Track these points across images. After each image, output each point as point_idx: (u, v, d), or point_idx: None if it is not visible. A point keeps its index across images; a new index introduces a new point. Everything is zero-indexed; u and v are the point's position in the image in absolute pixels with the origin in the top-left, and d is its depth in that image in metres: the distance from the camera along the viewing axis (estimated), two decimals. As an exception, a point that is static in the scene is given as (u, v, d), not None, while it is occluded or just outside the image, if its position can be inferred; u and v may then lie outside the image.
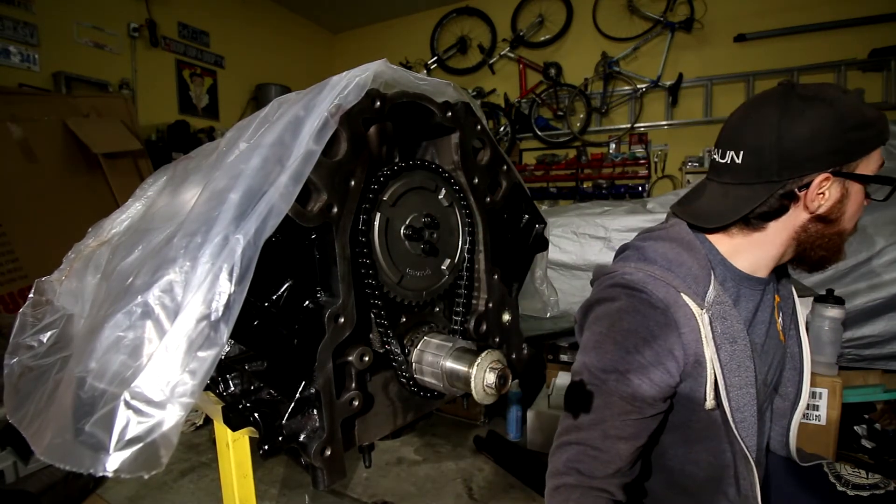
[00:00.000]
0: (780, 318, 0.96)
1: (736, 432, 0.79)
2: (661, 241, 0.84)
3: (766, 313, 0.90)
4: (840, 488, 0.93)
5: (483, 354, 0.51)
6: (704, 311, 0.76)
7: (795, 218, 0.80)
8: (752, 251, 0.84)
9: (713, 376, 0.77)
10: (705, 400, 0.78)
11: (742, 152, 0.79)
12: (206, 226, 0.39)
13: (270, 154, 0.43)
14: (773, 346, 0.92)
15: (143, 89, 4.36)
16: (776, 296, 0.96)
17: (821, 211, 0.77)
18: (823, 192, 0.76)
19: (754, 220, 0.81)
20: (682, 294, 0.76)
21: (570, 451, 0.75)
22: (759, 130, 0.77)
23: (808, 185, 0.76)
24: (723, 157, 0.82)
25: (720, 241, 0.86)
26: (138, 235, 0.49)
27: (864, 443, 1.89)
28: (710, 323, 0.77)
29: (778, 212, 0.80)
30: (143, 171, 3.19)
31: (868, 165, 0.77)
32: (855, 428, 1.93)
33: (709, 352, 0.77)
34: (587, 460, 0.74)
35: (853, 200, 0.78)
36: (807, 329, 1.03)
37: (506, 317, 0.67)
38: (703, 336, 0.76)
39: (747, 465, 0.81)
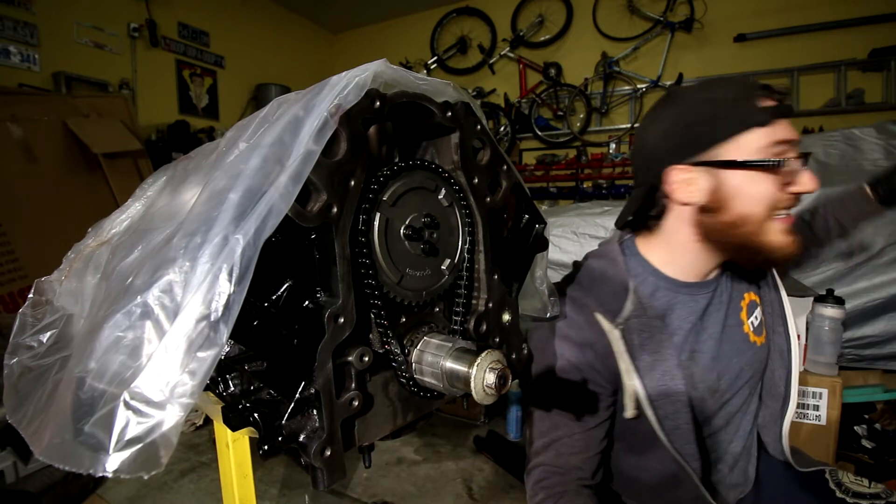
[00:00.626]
0: (756, 318, 0.95)
1: (665, 439, 0.82)
2: (595, 258, 0.92)
3: (715, 318, 0.90)
4: (839, 495, 0.92)
5: (483, 354, 0.51)
6: (615, 326, 0.81)
7: (681, 213, 0.84)
8: (673, 255, 0.88)
9: (632, 388, 0.82)
10: (625, 409, 0.83)
11: (632, 159, 0.91)
12: (206, 226, 0.39)
13: (270, 154, 0.43)
14: (735, 351, 0.91)
15: (143, 89, 4.36)
16: (750, 295, 0.96)
17: (694, 200, 0.81)
18: (690, 183, 0.80)
19: (651, 222, 0.89)
20: (594, 313, 0.82)
21: (535, 475, 0.83)
22: (636, 137, 0.89)
23: (666, 181, 0.82)
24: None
25: (651, 251, 0.90)
26: (138, 235, 0.49)
27: (864, 443, 1.89)
28: (623, 336, 0.81)
29: (662, 210, 0.86)
30: (143, 171, 3.19)
31: (738, 150, 0.77)
32: (855, 428, 1.93)
33: (623, 364, 0.81)
34: (550, 477, 0.82)
35: (734, 186, 0.78)
36: (807, 329, 1.02)
37: (506, 317, 0.67)
38: (615, 351, 0.81)
39: (683, 471, 0.84)
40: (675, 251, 0.88)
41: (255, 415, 0.48)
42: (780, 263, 0.87)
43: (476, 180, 0.62)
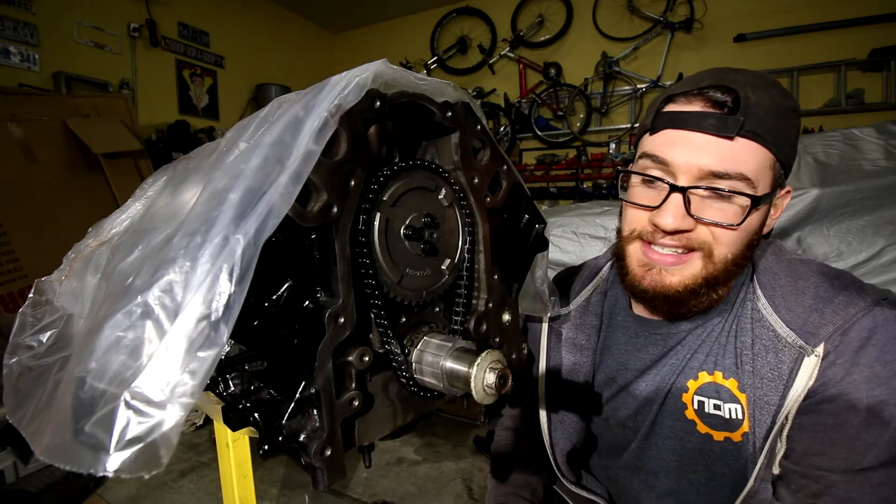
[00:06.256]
0: (718, 408, 0.74)
1: (545, 429, 0.88)
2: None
3: (644, 359, 0.82)
4: None
5: (483, 354, 0.51)
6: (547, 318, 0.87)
7: None
8: None
9: (541, 377, 0.89)
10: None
11: None
12: (206, 226, 0.39)
13: (270, 154, 0.43)
14: (646, 401, 0.81)
15: (143, 89, 4.36)
16: (713, 377, 0.74)
17: None
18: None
19: None
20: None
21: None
22: None
23: None
24: None
25: None
26: (138, 235, 0.49)
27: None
28: (549, 328, 0.89)
29: None
30: (143, 171, 3.19)
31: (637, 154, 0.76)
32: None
33: (542, 352, 0.90)
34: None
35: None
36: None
37: (506, 317, 0.67)
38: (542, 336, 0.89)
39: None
40: None
41: (256, 415, 0.48)
42: (638, 295, 0.74)
43: (476, 180, 0.62)
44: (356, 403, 0.50)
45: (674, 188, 0.65)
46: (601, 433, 0.90)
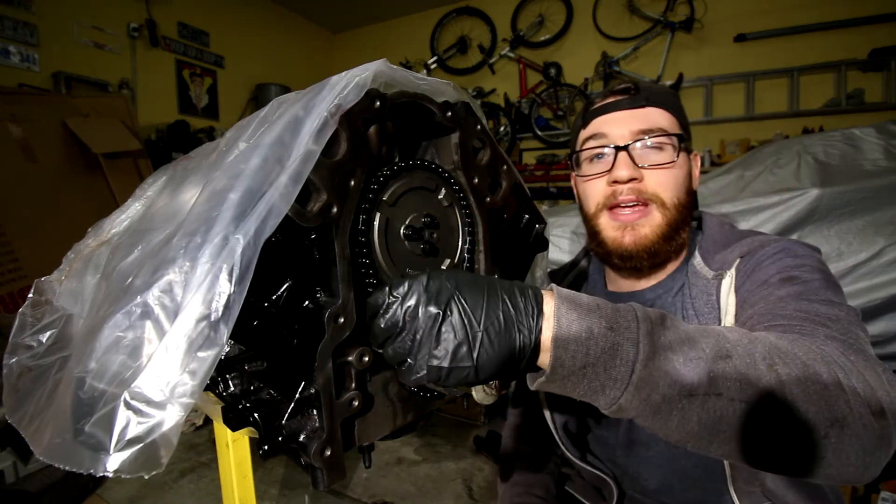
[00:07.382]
0: None
1: (548, 412, 0.90)
2: None
3: None
4: None
5: (483, 354, 0.51)
6: None
7: None
8: None
9: None
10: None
11: None
12: (206, 226, 0.39)
13: (270, 154, 0.43)
14: None
15: (143, 89, 4.36)
16: None
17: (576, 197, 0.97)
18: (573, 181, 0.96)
19: None
20: None
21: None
22: None
23: None
24: None
25: None
26: (138, 235, 0.49)
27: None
28: None
29: None
30: (143, 171, 3.19)
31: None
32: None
33: None
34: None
35: (578, 184, 0.92)
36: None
37: (506, 317, 0.67)
38: None
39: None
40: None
41: (255, 415, 0.48)
42: (623, 256, 0.85)
43: (476, 180, 0.62)
44: (356, 403, 0.50)
45: (618, 148, 0.83)
46: (592, 409, 0.92)
